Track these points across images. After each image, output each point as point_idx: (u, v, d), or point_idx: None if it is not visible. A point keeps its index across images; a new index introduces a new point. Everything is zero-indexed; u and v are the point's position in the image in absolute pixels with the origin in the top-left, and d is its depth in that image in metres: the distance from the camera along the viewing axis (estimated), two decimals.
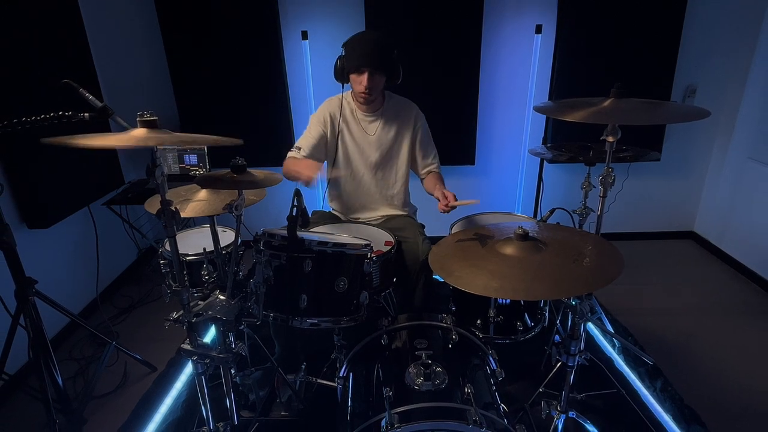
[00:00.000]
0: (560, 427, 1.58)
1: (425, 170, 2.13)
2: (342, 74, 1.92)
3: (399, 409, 1.21)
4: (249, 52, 2.93)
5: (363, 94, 1.90)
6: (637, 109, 1.35)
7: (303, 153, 1.99)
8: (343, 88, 2.00)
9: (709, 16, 2.94)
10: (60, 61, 2.44)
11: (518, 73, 3.07)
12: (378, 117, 2.04)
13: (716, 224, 3.33)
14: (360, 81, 1.86)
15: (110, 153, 2.88)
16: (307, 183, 1.71)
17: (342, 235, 1.74)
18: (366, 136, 2.05)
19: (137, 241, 3.22)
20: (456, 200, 1.82)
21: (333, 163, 2.11)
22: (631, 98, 1.39)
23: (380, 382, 1.38)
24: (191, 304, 1.30)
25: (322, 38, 2.97)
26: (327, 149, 2.07)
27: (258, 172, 1.52)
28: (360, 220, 2.17)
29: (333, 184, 2.17)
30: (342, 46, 1.89)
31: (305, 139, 2.03)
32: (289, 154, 2.01)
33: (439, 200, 1.86)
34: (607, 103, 1.38)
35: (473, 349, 1.54)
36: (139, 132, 1.11)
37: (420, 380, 1.29)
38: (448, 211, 1.82)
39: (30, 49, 2.23)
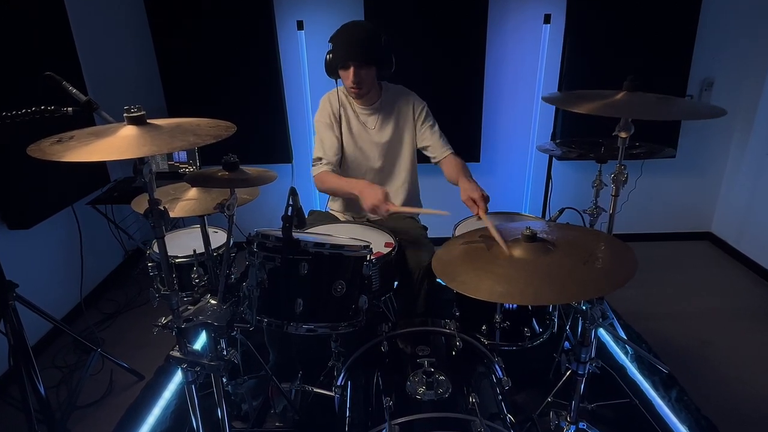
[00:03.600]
0: None
1: (441, 155, 2.05)
2: (332, 69, 1.94)
3: (400, 420, 1.21)
4: (242, 42, 2.93)
5: (353, 89, 1.92)
6: (652, 103, 1.35)
7: (329, 163, 1.99)
8: (337, 82, 2.01)
9: (726, 5, 2.93)
10: (42, 53, 2.43)
11: (525, 65, 3.07)
12: (376, 110, 2.05)
13: (734, 224, 3.33)
14: (347, 76, 1.88)
15: None
16: (383, 214, 1.71)
17: (340, 236, 1.74)
18: (365, 129, 2.06)
19: (124, 243, 3.22)
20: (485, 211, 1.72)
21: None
22: (645, 93, 1.39)
23: (380, 392, 1.38)
24: (181, 308, 1.30)
25: (318, 28, 2.96)
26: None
27: (251, 170, 1.52)
28: (361, 219, 2.17)
29: None
30: (329, 41, 1.91)
31: (324, 147, 2.02)
32: (318, 169, 1.99)
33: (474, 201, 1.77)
34: (619, 96, 1.38)
35: (478, 356, 1.54)
36: (128, 130, 1.10)
37: (422, 389, 1.29)
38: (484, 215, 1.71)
39: (10, 42, 2.23)
